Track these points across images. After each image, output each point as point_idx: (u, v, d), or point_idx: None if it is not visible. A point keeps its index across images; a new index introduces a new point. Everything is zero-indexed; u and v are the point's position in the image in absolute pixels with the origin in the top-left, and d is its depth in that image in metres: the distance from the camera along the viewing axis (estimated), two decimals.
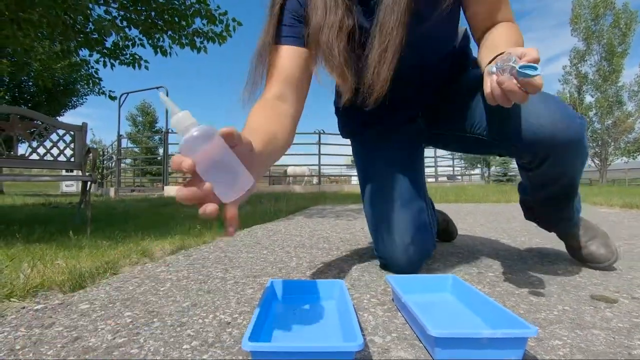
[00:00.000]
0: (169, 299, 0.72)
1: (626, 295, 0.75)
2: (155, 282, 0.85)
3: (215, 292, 0.77)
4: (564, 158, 0.78)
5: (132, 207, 4.09)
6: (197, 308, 0.67)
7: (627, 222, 2.12)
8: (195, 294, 0.75)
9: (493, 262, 1.04)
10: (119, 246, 1.62)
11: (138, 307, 0.68)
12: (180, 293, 0.76)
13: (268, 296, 0.59)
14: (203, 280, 0.86)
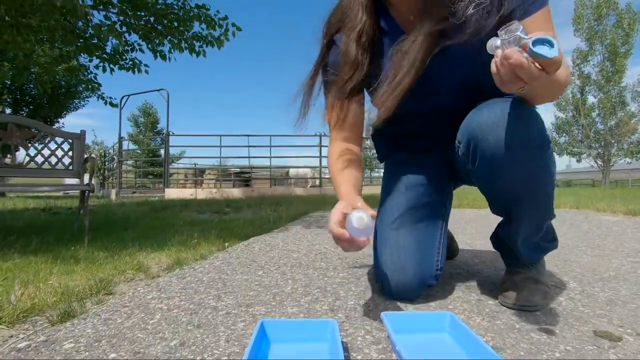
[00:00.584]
0: (156, 336, 0.70)
1: (631, 330, 0.73)
2: (145, 312, 0.83)
3: (206, 327, 0.74)
4: (496, 159, 0.74)
5: (132, 212, 4.08)
6: (185, 348, 0.65)
7: (630, 232, 2.09)
8: (185, 329, 0.73)
9: (493, 286, 1.01)
10: (115, 259, 1.60)
11: (124, 348, 0.65)
12: (169, 328, 0.74)
13: (257, 340, 0.56)
14: (194, 310, 0.84)
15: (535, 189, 0.78)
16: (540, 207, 0.82)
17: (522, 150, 0.71)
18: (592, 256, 1.43)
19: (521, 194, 0.79)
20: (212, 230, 2.33)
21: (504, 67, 0.53)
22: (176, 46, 4.39)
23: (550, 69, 0.52)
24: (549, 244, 0.94)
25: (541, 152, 0.73)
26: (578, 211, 3.58)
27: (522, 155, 0.72)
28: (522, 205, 0.82)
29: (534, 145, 0.72)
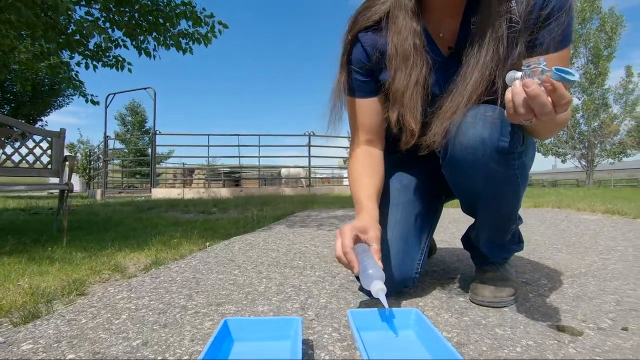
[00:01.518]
0: (119, 336, 0.69)
1: (593, 325, 0.74)
2: (111, 312, 0.82)
3: (172, 326, 0.73)
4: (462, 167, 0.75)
5: (115, 213, 4.01)
6: (147, 348, 0.64)
7: (606, 230, 2.14)
8: (150, 329, 0.72)
9: (466, 284, 1.02)
10: (92, 260, 1.57)
11: (84, 348, 0.64)
12: (134, 328, 0.73)
13: (217, 339, 0.56)
14: (163, 310, 0.83)
15: (498, 194, 0.78)
16: (502, 213, 0.83)
17: (488, 152, 0.70)
18: (567, 253, 1.46)
19: (483, 197, 0.80)
20: (195, 231, 2.31)
21: (519, 96, 0.55)
22: (161, 43, 4.34)
23: (561, 109, 0.54)
24: (514, 246, 0.95)
25: (507, 157, 0.71)
26: (559, 210, 3.65)
27: (486, 158, 0.71)
28: (485, 209, 0.83)
29: (501, 150, 0.70)
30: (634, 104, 14.03)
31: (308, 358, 0.60)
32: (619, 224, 2.42)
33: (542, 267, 1.23)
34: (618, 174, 19.35)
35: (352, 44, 0.88)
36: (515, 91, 0.57)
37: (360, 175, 0.90)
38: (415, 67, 0.80)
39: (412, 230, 0.92)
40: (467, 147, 0.72)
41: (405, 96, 0.81)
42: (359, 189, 0.88)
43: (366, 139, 0.93)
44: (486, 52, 0.73)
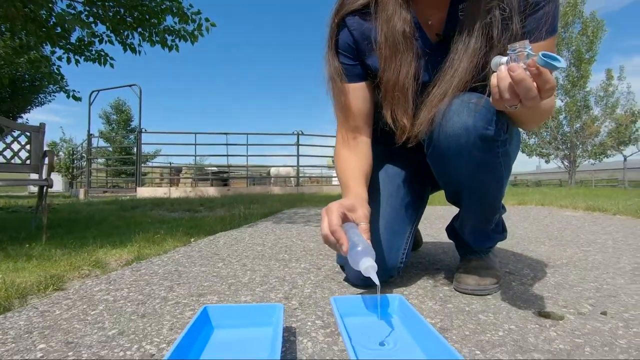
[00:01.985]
0: (95, 326, 0.66)
1: (573, 310, 0.75)
2: (87, 304, 0.79)
3: (151, 316, 0.71)
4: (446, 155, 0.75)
5: (98, 211, 3.92)
6: (124, 337, 0.62)
7: (587, 225, 2.19)
8: (127, 319, 0.70)
9: (451, 274, 1.03)
10: (72, 256, 1.52)
11: (56, 338, 0.61)
12: (110, 318, 0.70)
13: (195, 325, 0.54)
14: (142, 301, 0.80)
15: (482, 182, 0.78)
16: (486, 202, 0.83)
17: (472, 140, 0.70)
18: (549, 246, 1.48)
19: (467, 186, 0.80)
20: (180, 228, 2.26)
21: (505, 81, 0.54)
22: (147, 39, 4.26)
23: (545, 94, 0.53)
24: (498, 235, 0.96)
25: (491, 145, 0.71)
26: (542, 208, 3.73)
27: (470, 145, 0.70)
28: (469, 197, 0.83)
29: (485, 137, 0.69)
30: (613, 106, 14.44)
31: (290, 345, 0.59)
32: (599, 220, 2.48)
33: (525, 259, 1.25)
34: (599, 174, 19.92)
35: (338, 28, 0.86)
36: (501, 76, 0.56)
37: (348, 160, 0.88)
38: (405, 58, 0.79)
39: (397, 220, 0.91)
40: (451, 134, 0.72)
41: (396, 90, 0.80)
42: (347, 173, 0.85)
43: (354, 126, 0.90)
44: (475, 39, 0.73)
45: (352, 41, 0.85)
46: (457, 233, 0.96)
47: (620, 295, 0.84)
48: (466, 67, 0.73)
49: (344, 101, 0.89)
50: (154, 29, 4.23)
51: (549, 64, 0.50)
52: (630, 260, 1.20)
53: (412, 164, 1.00)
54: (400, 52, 0.79)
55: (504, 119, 0.71)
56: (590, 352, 0.57)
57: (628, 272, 1.05)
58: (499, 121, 0.70)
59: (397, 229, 0.90)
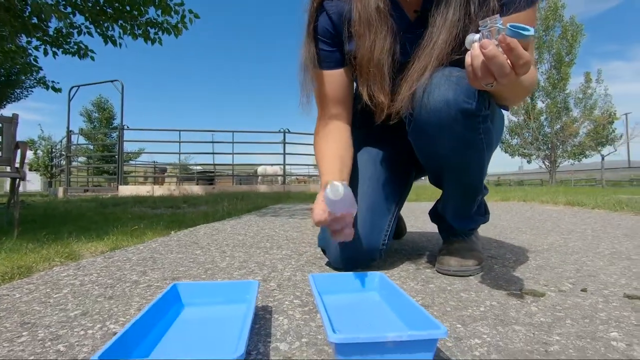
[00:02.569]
0: (56, 308, 0.62)
1: (554, 288, 0.75)
2: (51, 288, 0.74)
3: (119, 298, 0.67)
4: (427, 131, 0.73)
5: (76, 208, 3.79)
6: (86, 317, 0.58)
7: (567, 217, 2.23)
8: (93, 301, 0.65)
9: (434, 259, 1.02)
10: (44, 248, 1.45)
11: (11, 319, 0.57)
12: (74, 300, 0.66)
13: (161, 302, 0.51)
14: (111, 284, 0.76)
15: (463, 160, 0.76)
16: (468, 181, 0.82)
17: (453, 114, 0.68)
18: (531, 235, 1.50)
19: (449, 163, 0.78)
20: (161, 222, 2.20)
21: (478, 59, 0.53)
22: (128, 32, 4.15)
23: (520, 69, 0.51)
24: (480, 217, 0.95)
25: (472, 121, 0.69)
26: (525, 203, 3.79)
27: (451, 120, 0.69)
28: (451, 176, 0.81)
29: (466, 111, 0.68)
30: (592, 107, 14.90)
31: (264, 322, 0.56)
32: (578, 213, 2.53)
33: (507, 245, 1.25)
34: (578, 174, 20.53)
35: (317, 12, 0.84)
36: (474, 54, 0.54)
37: (327, 148, 0.86)
38: (379, 34, 0.77)
39: (379, 201, 0.90)
40: (432, 109, 0.70)
41: (371, 66, 0.79)
42: (326, 161, 0.83)
43: (334, 113, 0.89)
44: (453, 12, 0.71)
45: (331, 26, 0.83)
46: (440, 215, 0.95)
47: (600, 275, 0.84)
48: (445, 39, 0.72)
49: (322, 88, 0.87)
50: (135, 21, 4.12)
51: (518, 33, 0.48)
52: (609, 246, 1.22)
53: (394, 147, 0.99)
54: (374, 27, 0.77)
55: (485, 94, 0.70)
56: (571, 323, 0.56)
57: (607, 256, 1.06)
58: (481, 96, 0.69)
59: (378, 209, 0.88)
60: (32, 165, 17.57)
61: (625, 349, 0.48)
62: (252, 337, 0.50)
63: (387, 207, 0.91)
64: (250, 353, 0.46)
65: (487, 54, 0.51)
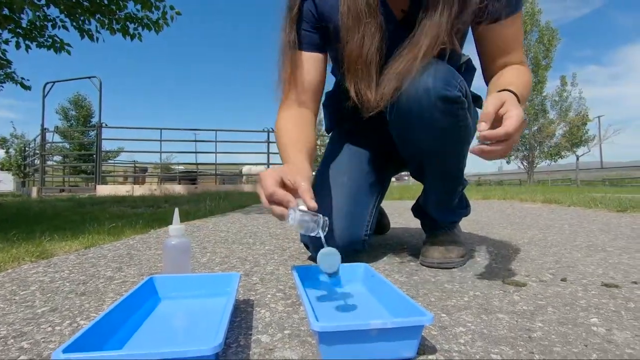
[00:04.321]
0: (22, 305, 0.58)
1: (535, 278, 0.75)
2: (18, 285, 0.70)
3: (91, 294, 0.64)
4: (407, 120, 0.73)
5: (51, 207, 3.64)
6: (55, 313, 0.54)
7: (545, 214, 2.29)
8: (63, 297, 0.62)
9: (418, 253, 1.02)
10: (13, 247, 1.38)
11: None
12: (43, 297, 0.62)
13: (134, 296, 0.48)
14: (84, 281, 0.72)
15: (443, 149, 0.76)
16: (448, 171, 0.82)
17: (433, 101, 0.68)
18: (511, 230, 1.52)
19: (429, 153, 0.78)
20: (140, 221, 2.13)
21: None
22: (106, 26, 4.02)
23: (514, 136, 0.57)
24: (462, 210, 0.96)
25: (451, 107, 0.69)
26: (505, 201, 3.88)
27: (431, 107, 0.69)
28: (431, 167, 0.81)
29: (445, 98, 0.68)
30: (567, 110, 15.45)
31: (246, 315, 0.54)
32: (556, 210, 2.60)
33: (489, 239, 1.27)
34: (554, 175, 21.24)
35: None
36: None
37: (292, 133, 0.79)
38: (368, 29, 0.76)
39: (360, 192, 0.89)
40: (412, 97, 0.70)
41: (359, 62, 0.77)
42: (289, 145, 0.76)
43: (300, 100, 0.83)
44: (440, 13, 0.71)
45: (315, 10, 0.81)
46: (422, 209, 0.96)
47: (578, 266, 0.86)
48: (431, 39, 0.71)
49: (296, 72, 0.83)
50: (114, 15, 3.99)
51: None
52: (585, 239, 1.25)
53: (373, 140, 0.99)
54: (363, 23, 0.75)
55: (462, 82, 0.72)
56: (552, 311, 0.57)
57: (584, 248, 1.09)
58: (458, 84, 0.70)
59: (360, 199, 0.88)
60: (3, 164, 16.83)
61: (605, 333, 0.48)
62: (233, 330, 0.48)
63: (367, 197, 0.90)
64: (230, 346, 0.44)
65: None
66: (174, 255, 0.64)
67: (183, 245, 0.64)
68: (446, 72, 0.69)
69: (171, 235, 0.65)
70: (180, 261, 0.64)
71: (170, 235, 0.65)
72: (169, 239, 0.65)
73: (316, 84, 0.84)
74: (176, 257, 0.64)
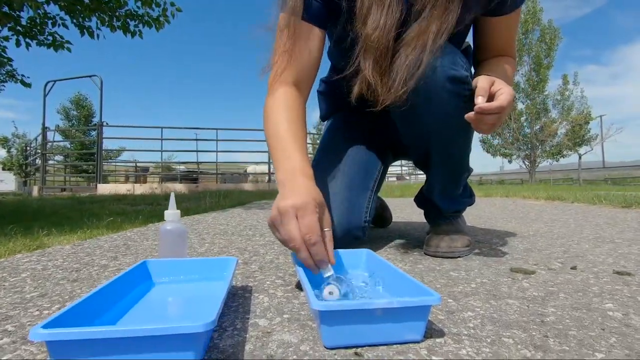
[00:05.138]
0: (11, 290, 0.56)
1: (544, 267, 0.73)
2: (9, 272, 0.68)
3: (83, 281, 0.61)
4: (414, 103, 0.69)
5: (51, 205, 3.62)
6: (44, 298, 0.52)
7: (549, 210, 2.26)
8: (54, 284, 0.60)
9: (421, 244, 0.99)
10: (10, 242, 1.36)
11: None
12: (33, 283, 0.60)
13: (124, 278, 0.46)
14: (77, 269, 0.70)
15: (449, 132, 0.74)
16: (453, 156, 0.79)
17: (440, 81, 0.66)
18: (516, 223, 1.50)
19: (435, 137, 0.76)
20: (140, 216, 2.11)
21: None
22: (106, 23, 4.00)
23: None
24: (466, 199, 0.93)
25: (458, 87, 0.67)
26: (507, 198, 3.85)
27: (439, 88, 0.67)
28: (437, 152, 0.79)
29: (452, 77, 0.66)
30: (569, 109, 15.37)
31: (243, 301, 0.52)
32: (559, 206, 2.57)
33: (493, 231, 1.24)
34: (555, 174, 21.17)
35: None
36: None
37: (291, 120, 0.69)
38: (390, 12, 0.69)
39: (357, 179, 0.87)
40: (419, 78, 0.67)
41: (377, 43, 0.70)
42: (290, 137, 0.66)
43: (296, 79, 0.73)
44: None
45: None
46: (426, 198, 0.93)
47: (587, 256, 0.83)
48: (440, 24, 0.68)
49: (296, 45, 0.73)
50: (114, 13, 3.98)
51: None
52: (592, 232, 1.22)
53: (373, 128, 0.97)
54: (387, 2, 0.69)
55: (467, 63, 0.70)
56: (564, 297, 0.54)
57: (591, 240, 1.06)
58: (464, 63, 0.69)
59: (357, 188, 0.85)
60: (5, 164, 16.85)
61: (622, 318, 0.46)
62: (229, 314, 0.46)
63: (365, 184, 0.88)
64: (226, 329, 0.41)
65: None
66: (170, 240, 0.61)
67: (179, 230, 0.62)
68: (452, 52, 0.67)
69: (167, 220, 0.63)
70: (176, 247, 0.62)
71: (166, 220, 0.62)
72: (165, 224, 0.62)
73: (315, 63, 0.76)
74: (172, 243, 0.62)
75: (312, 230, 0.49)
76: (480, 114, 0.61)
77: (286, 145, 0.64)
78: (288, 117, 0.69)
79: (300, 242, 0.49)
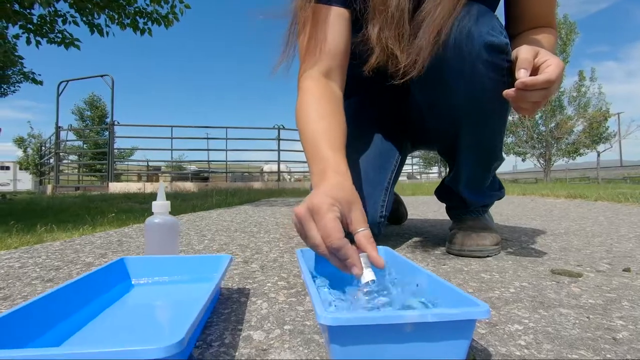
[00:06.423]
0: None
1: (590, 268, 0.63)
2: None
3: (60, 280, 0.54)
4: (443, 75, 0.61)
5: (60, 202, 3.62)
6: (7, 301, 0.44)
7: (572, 208, 2.13)
8: (25, 284, 0.52)
9: (441, 242, 0.90)
10: (12, 238, 1.31)
11: None
12: (2, 283, 0.53)
13: (94, 277, 0.38)
14: (58, 267, 0.63)
15: (484, 111, 0.64)
16: (486, 140, 0.69)
17: (476, 49, 0.56)
18: (541, 221, 1.38)
19: (466, 117, 0.66)
20: (146, 214, 2.06)
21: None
22: (116, 21, 3.99)
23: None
24: (495, 192, 0.83)
25: (497, 57, 0.57)
26: (524, 197, 3.70)
27: (474, 57, 0.57)
28: (467, 135, 0.68)
29: (491, 45, 0.56)
30: (585, 105, 14.93)
31: (237, 307, 0.43)
32: (582, 204, 2.42)
33: (519, 229, 1.14)
34: (571, 173, 20.65)
35: None
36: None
37: (322, 115, 0.62)
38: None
39: (373, 171, 0.78)
40: (451, 45, 0.57)
41: (391, 6, 0.61)
42: (321, 134, 0.58)
43: (326, 69, 0.66)
44: None
45: None
46: (450, 190, 0.83)
47: (636, 256, 0.73)
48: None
49: (321, 31, 0.66)
50: (124, 10, 3.97)
51: None
52: (630, 230, 1.10)
53: (390, 113, 0.87)
54: None
55: (505, 31, 0.59)
56: (629, 305, 0.44)
57: (632, 239, 0.95)
58: (503, 30, 0.58)
59: (372, 179, 0.76)
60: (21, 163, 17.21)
61: None
62: (218, 324, 0.38)
63: (381, 177, 0.79)
64: (211, 345, 0.33)
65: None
66: (158, 235, 0.54)
67: (168, 223, 0.54)
68: (488, 14, 0.57)
69: (155, 211, 0.55)
70: (165, 242, 0.54)
71: (153, 211, 0.55)
72: (152, 217, 0.55)
73: (343, 48, 0.67)
74: (160, 238, 0.54)
75: (329, 233, 0.41)
76: (522, 90, 0.51)
77: (316, 145, 0.57)
78: (319, 114, 0.61)
79: (324, 249, 0.42)
